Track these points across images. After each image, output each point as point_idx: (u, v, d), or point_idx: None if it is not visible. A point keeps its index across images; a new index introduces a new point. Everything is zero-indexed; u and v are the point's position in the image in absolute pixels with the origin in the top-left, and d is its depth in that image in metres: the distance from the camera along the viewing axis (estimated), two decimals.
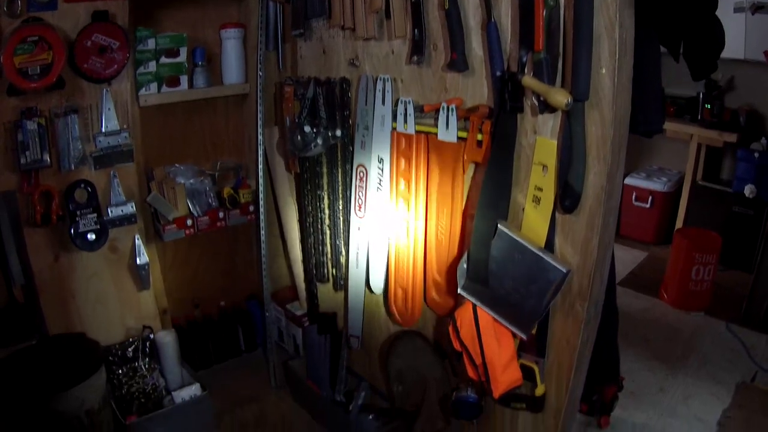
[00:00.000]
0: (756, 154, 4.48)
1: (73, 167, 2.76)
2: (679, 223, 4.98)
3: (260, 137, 3.05)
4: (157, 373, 3.18)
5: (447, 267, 2.42)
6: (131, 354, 3.11)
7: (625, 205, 5.26)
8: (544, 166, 1.97)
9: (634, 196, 5.20)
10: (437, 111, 2.23)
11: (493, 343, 2.18)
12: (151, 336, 3.18)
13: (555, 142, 1.93)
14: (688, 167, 4.91)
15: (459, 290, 2.23)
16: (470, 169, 2.23)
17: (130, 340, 3.14)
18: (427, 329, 2.73)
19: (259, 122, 3.03)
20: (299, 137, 2.65)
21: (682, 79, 4.62)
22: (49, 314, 2.92)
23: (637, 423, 3.26)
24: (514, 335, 2.18)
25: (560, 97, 1.78)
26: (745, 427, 3.16)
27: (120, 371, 3.08)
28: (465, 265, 2.21)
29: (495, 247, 2.09)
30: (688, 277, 4.22)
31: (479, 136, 2.11)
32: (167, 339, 3.23)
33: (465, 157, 2.18)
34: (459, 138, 2.18)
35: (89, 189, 2.84)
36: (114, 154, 2.86)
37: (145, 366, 3.13)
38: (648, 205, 5.15)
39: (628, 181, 5.20)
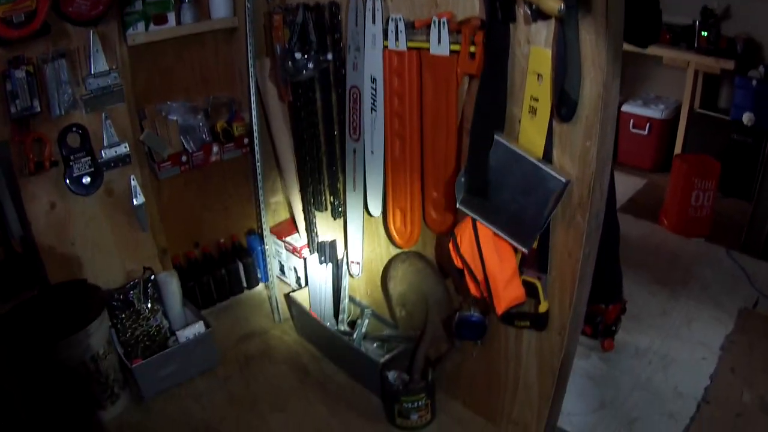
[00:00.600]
0: (754, 82, 4.41)
1: (64, 112, 2.76)
2: (677, 151, 4.96)
3: (251, 69, 3.03)
4: (160, 315, 3.23)
5: (444, 184, 2.42)
6: (133, 297, 3.14)
7: (622, 132, 5.25)
8: (539, 76, 1.95)
9: (631, 123, 5.16)
10: (428, 26, 2.19)
11: (494, 258, 2.19)
12: (152, 277, 3.22)
13: (549, 51, 1.90)
14: (686, 95, 4.86)
15: (458, 205, 2.23)
16: (464, 83, 2.21)
17: (132, 283, 3.17)
18: (427, 250, 2.75)
19: (250, 54, 3.00)
20: (290, 63, 2.63)
21: (678, 6, 4.63)
22: (48, 263, 2.96)
23: (640, 346, 3.30)
24: (516, 250, 2.19)
25: (552, 3, 1.74)
26: (749, 351, 3.18)
27: (123, 315, 3.12)
28: (463, 179, 2.20)
29: (493, 158, 2.09)
30: (687, 202, 4.21)
31: (472, 48, 2.08)
32: (168, 279, 3.28)
33: (458, 71, 2.15)
34: (451, 51, 2.15)
35: (81, 133, 2.85)
36: (104, 95, 2.87)
37: (147, 308, 3.17)
38: (646, 132, 5.11)
39: (625, 108, 5.17)
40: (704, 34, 4.59)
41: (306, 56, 2.63)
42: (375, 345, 3.15)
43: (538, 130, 2.02)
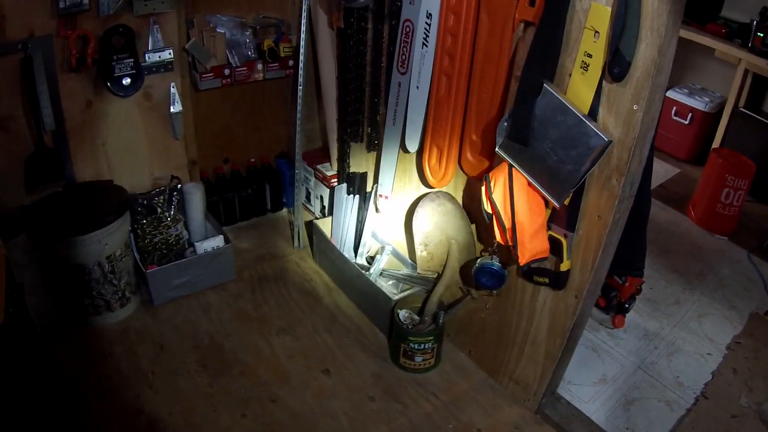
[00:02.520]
0: None
1: (112, 12, 2.81)
2: (715, 146, 4.96)
3: None
4: (181, 225, 3.35)
5: (485, 128, 2.48)
6: (156, 204, 3.25)
7: (663, 118, 5.16)
8: (596, 32, 1.99)
9: (674, 111, 5.15)
10: None
11: (524, 208, 2.26)
12: (179, 186, 3.32)
13: (609, 9, 1.94)
14: (732, 92, 4.81)
15: (497, 148, 2.28)
16: (520, 29, 2.25)
17: (157, 190, 3.29)
18: (458, 193, 2.82)
19: None
20: None
21: (738, 2, 4.59)
22: (78, 160, 3.07)
23: (649, 330, 3.36)
24: (547, 203, 2.26)
25: None
26: (753, 356, 3.23)
27: (144, 221, 3.23)
28: (506, 123, 2.26)
29: (539, 106, 2.13)
30: (717, 198, 4.23)
31: None
32: (194, 191, 3.39)
33: (516, 15, 2.19)
34: None
35: (127, 34, 2.91)
36: (155, 0, 2.92)
37: (169, 216, 3.28)
38: (687, 122, 5.10)
39: (669, 94, 5.13)
40: (760, 34, 4.55)
41: None
42: (390, 282, 3.24)
43: (587, 86, 2.06)
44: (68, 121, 2.95)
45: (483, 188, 2.37)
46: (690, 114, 5.06)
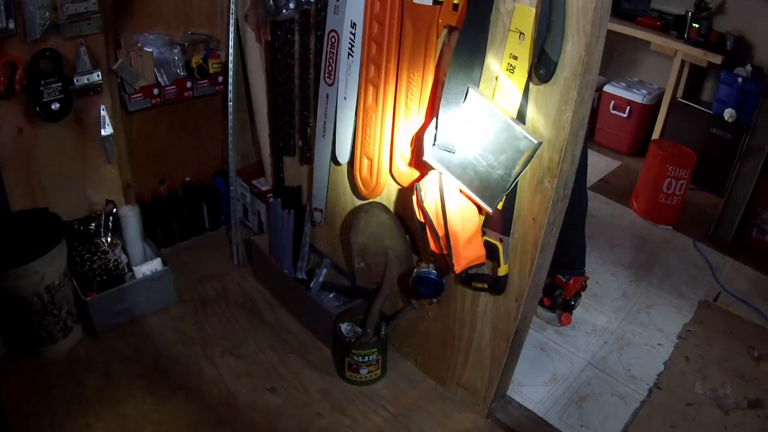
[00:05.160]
0: (739, 79, 4.32)
1: (39, 36, 2.65)
2: (656, 136, 4.91)
3: (233, 6, 2.92)
4: (119, 249, 3.15)
5: (415, 136, 2.33)
6: (94, 229, 3.06)
7: (602, 113, 5.20)
8: (521, 34, 1.86)
9: (612, 105, 5.09)
10: None
11: (457, 215, 2.12)
12: (114, 210, 3.13)
13: (534, 10, 1.81)
14: (669, 83, 4.78)
15: (425, 157, 2.14)
16: (444, 34, 2.12)
17: (93, 215, 3.09)
18: (391, 203, 2.66)
19: None
20: (271, 1, 2.52)
21: None
22: (11, 189, 2.88)
23: (597, 325, 3.26)
24: (480, 209, 2.12)
25: None
26: (706, 343, 3.15)
27: (81, 247, 3.04)
28: (434, 131, 2.12)
29: (465, 111, 2.00)
30: (659, 189, 4.16)
31: (456, 0, 2.00)
32: (130, 214, 3.19)
33: (440, 21, 2.06)
34: (435, 1, 2.06)
35: (55, 58, 2.74)
36: (81, 22, 2.75)
37: (107, 241, 3.09)
38: (625, 115, 5.04)
39: (607, 88, 5.09)
40: (696, 25, 4.51)
41: None
42: (331, 296, 3.09)
43: (514, 88, 1.94)
44: (0, 149, 2.79)
45: (414, 197, 2.22)
46: (628, 107, 5.00)
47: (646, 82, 5.18)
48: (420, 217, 2.22)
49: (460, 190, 2.10)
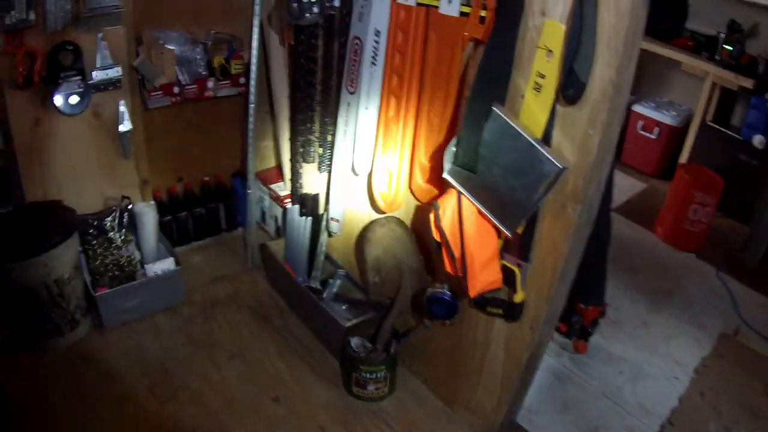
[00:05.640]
0: None
1: (59, 28, 2.58)
2: (682, 161, 4.71)
3: (257, 6, 2.82)
4: (132, 246, 3.06)
5: (436, 151, 2.21)
6: (108, 225, 2.97)
7: (630, 132, 5.00)
8: (549, 51, 1.74)
9: (640, 125, 4.91)
10: None
11: (475, 237, 2.01)
12: (129, 207, 3.05)
13: (563, 27, 1.69)
14: (699, 105, 4.58)
15: (444, 174, 2.03)
16: (470, 48, 2.00)
17: (108, 210, 3.00)
18: (409, 218, 2.55)
19: None
20: (295, 4, 2.41)
21: (705, 15, 4.37)
22: (27, 180, 2.81)
23: (614, 354, 3.11)
24: (499, 232, 1.99)
25: None
26: (723, 378, 3.00)
27: (95, 242, 2.96)
28: (454, 148, 2.00)
29: (488, 130, 1.88)
30: (684, 214, 3.98)
31: (483, 13, 1.87)
32: (146, 211, 3.10)
33: (466, 34, 1.94)
34: (461, 13, 1.94)
35: (75, 51, 2.67)
36: (103, 15, 2.66)
37: (120, 237, 3.01)
38: (654, 136, 4.86)
39: (636, 108, 4.90)
40: (728, 47, 4.33)
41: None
42: (344, 307, 2.98)
43: (540, 109, 1.81)
44: (16, 139, 2.71)
45: (431, 216, 2.10)
46: (657, 128, 4.82)
47: (675, 103, 4.99)
48: (436, 236, 2.10)
49: (479, 212, 1.98)
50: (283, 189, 3.36)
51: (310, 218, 3.00)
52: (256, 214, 3.46)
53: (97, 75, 2.76)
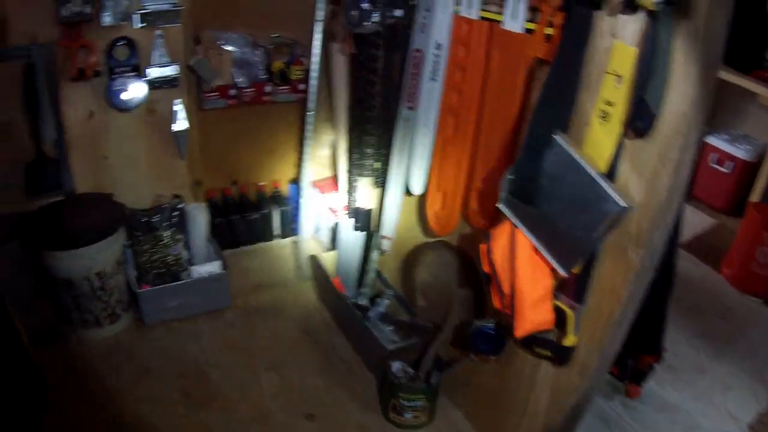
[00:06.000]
0: None
1: (116, 23, 2.55)
2: (754, 199, 4.38)
3: (319, 12, 2.70)
4: (181, 245, 2.99)
5: (492, 176, 2.04)
6: (157, 222, 2.91)
7: (702, 165, 4.61)
8: (619, 77, 1.55)
9: (713, 158, 4.57)
10: None
11: (527, 274, 1.83)
12: (181, 206, 2.98)
13: (635, 50, 1.50)
14: None
15: (499, 203, 1.87)
16: (534, 68, 1.83)
17: (159, 207, 2.95)
18: (462, 244, 2.38)
19: None
20: (355, 11, 2.28)
21: None
22: (79, 172, 2.79)
23: (668, 402, 2.85)
24: (554, 271, 1.81)
25: None
26: None
27: (143, 238, 2.90)
28: (511, 176, 1.84)
29: (548, 160, 1.71)
30: (753, 256, 3.64)
31: (548, 30, 1.70)
32: (197, 212, 3.04)
33: (529, 52, 1.77)
34: (526, 30, 1.78)
35: (131, 47, 2.64)
36: (161, 12, 2.63)
37: (169, 236, 2.94)
38: (727, 170, 4.51)
39: (709, 140, 4.54)
40: None
41: (373, 7, 2.27)
42: (390, 329, 2.83)
43: (606, 140, 1.62)
44: (69, 131, 2.69)
45: (482, 246, 1.94)
46: (731, 162, 4.48)
47: (751, 137, 4.64)
48: (486, 268, 1.94)
49: (534, 247, 1.80)
50: (339, 200, 3.22)
51: (362, 233, 2.87)
52: (310, 223, 3.33)
53: (152, 72, 2.71)
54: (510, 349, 2.17)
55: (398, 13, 2.27)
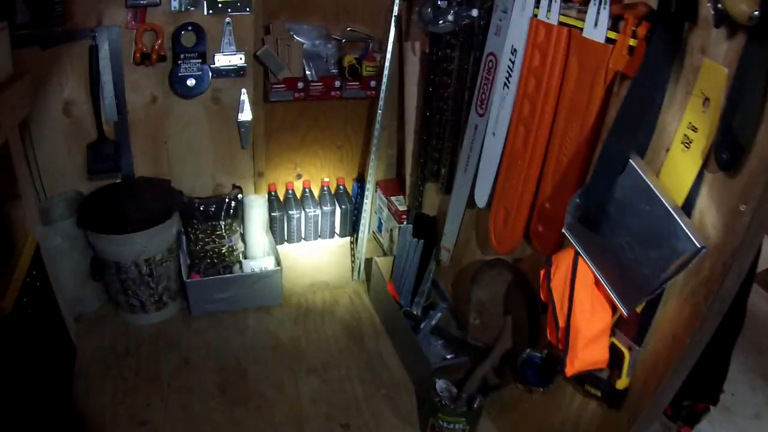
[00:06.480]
0: None
1: (184, 8, 2.51)
2: None
3: (396, 7, 2.57)
4: (237, 237, 2.94)
5: (560, 197, 1.84)
6: (214, 211, 2.85)
7: None
8: (706, 99, 1.35)
9: None
10: (587, 1, 1.62)
11: (585, 308, 1.66)
12: (240, 197, 2.91)
13: (726, 71, 1.30)
14: None
15: (564, 229, 1.70)
16: (614, 82, 1.63)
17: (217, 197, 2.90)
18: (523, 265, 2.20)
19: None
20: (429, 9, 2.13)
21: None
22: (138, 156, 2.76)
23: None
24: (614, 307, 1.62)
25: (743, 6, 1.15)
26: None
27: (199, 227, 2.85)
28: (578, 200, 1.66)
29: (620, 186, 1.52)
30: None
31: (632, 42, 1.51)
32: (257, 203, 2.97)
33: (610, 65, 1.58)
34: (608, 39, 1.58)
35: (198, 33, 2.58)
36: (231, 0, 2.56)
37: (225, 226, 2.88)
38: None
39: None
40: None
41: (449, 5, 2.12)
42: (440, 343, 2.68)
43: (686, 170, 1.42)
44: (131, 114, 2.66)
45: (542, 272, 1.76)
46: None
47: None
48: (543, 296, 1.78)
49: (596, 279, 1.62)
50: (402, 203, 3.10)
51: (422, 241, 2.72)
52: (372, 223, 3.21)
53: (219, 60, 2.63)
54: (559, 381, 1.99)
55: (474, 13, 2.10)
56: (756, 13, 1.13)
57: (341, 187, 3.31)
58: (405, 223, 2.96)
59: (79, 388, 2.42)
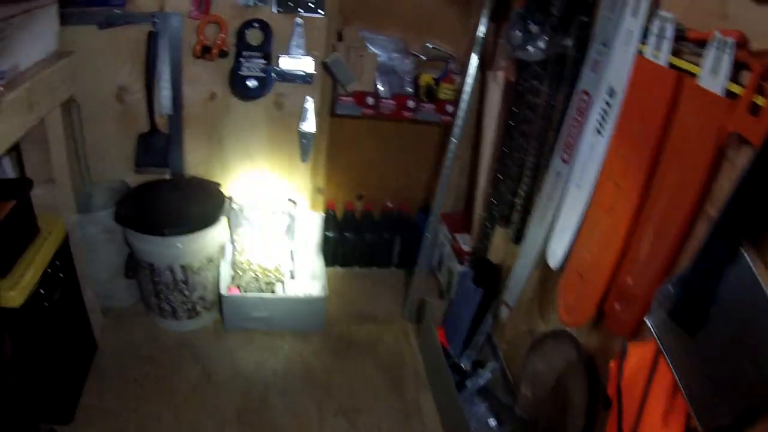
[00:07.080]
0: None
1: (252, 3, 2.32)
2: None
3: (482, 27, 2.27)
4: (286, 254, 2.73)
5: (648, 276, 1.48)
6: (264, 223, 2.66)
7: None
8: None
9: None
10: (705, 43, 1.28)
11: (656, 417, 1.30)
12: (294, 211, 2.69)
13: None
14: None
15: (647, 317, 1.35)
16: (730, 146, 1.27)
17: (269, 208, 2.68)
18: (590, 342, 1.84)
19: (484, 11, 2.26)
20: (518, 32, 1.81)
21: None
22: (189, 152, 2.59)
23: None
24: (691, 425, 1.27)
25: None
26: None
27: (246, 237, 2.65)
28: (672, 289, 1.31)
29: (728, 280, 1.17)
30: None
31: (759, 100, 1.15)
32: (311, 220, 2.75)
33: (729, 124, 1.22)
34: (728, 92, 1.23)
35: (265, 31, 2.37)
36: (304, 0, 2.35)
37: (274, 241, 2.68)
38: None
39: None
40: None
41: (541, 31, 1.79)
42: (484, 407, 2.32)
43: None
44: (186, 108, 2.47)
45: (613, 362, 1.43)
46: None
47: None
48: (611, 390, 1.44)
49: (675, 386, 1.27)
50: (466, 243, 2.78)
51: (482, 290, 2.39)
52: (433, 258, 2.91)
53: (284, 62, 2.40)
54: None
55: (568, 42, 1.77)
56: None
57: (404, 214, 3.03)
58: (467, 265, 2.63)
59: (91, 387, 2.25)
